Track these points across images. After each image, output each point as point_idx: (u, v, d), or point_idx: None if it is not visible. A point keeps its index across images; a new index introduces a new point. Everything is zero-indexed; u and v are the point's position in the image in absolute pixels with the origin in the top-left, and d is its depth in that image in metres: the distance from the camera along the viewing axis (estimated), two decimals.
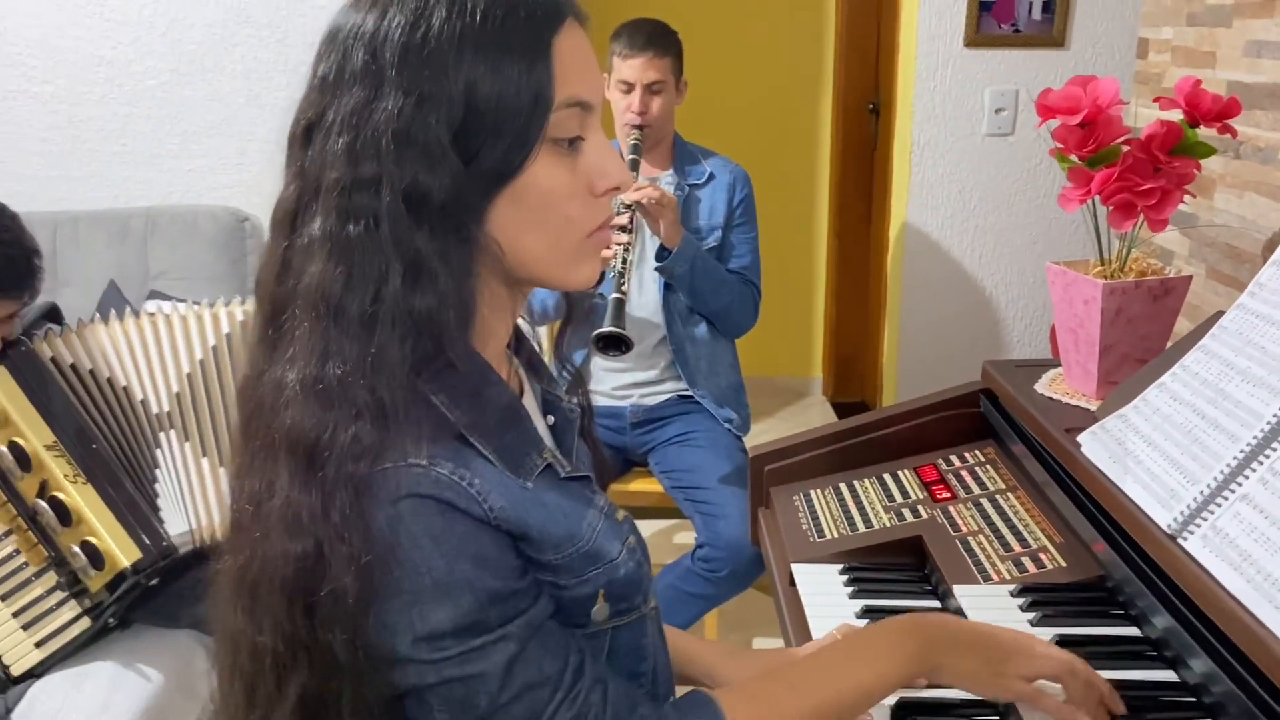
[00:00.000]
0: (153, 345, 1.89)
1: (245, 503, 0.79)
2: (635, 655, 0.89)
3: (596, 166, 0.83)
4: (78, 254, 2.70)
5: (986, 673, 0.93)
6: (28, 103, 2.84)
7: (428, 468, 0.75)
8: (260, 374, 0.80)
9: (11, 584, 1.77)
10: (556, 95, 0.79)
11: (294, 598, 0.75)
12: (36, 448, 1.77)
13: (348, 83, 0.77)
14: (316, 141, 0.78)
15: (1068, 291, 1.42)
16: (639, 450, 2.49)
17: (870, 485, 1.51)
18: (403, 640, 0.75)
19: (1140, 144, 1.31)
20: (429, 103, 0.76)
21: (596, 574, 0.83)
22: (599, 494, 0.89)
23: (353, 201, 0.76)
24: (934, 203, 2.89)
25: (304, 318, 0.77)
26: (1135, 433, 1.20)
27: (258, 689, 0.79)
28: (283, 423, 0.76)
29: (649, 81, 2.35)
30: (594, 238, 0.85)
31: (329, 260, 0.76)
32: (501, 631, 0.76)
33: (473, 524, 0.76)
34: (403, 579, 0.74)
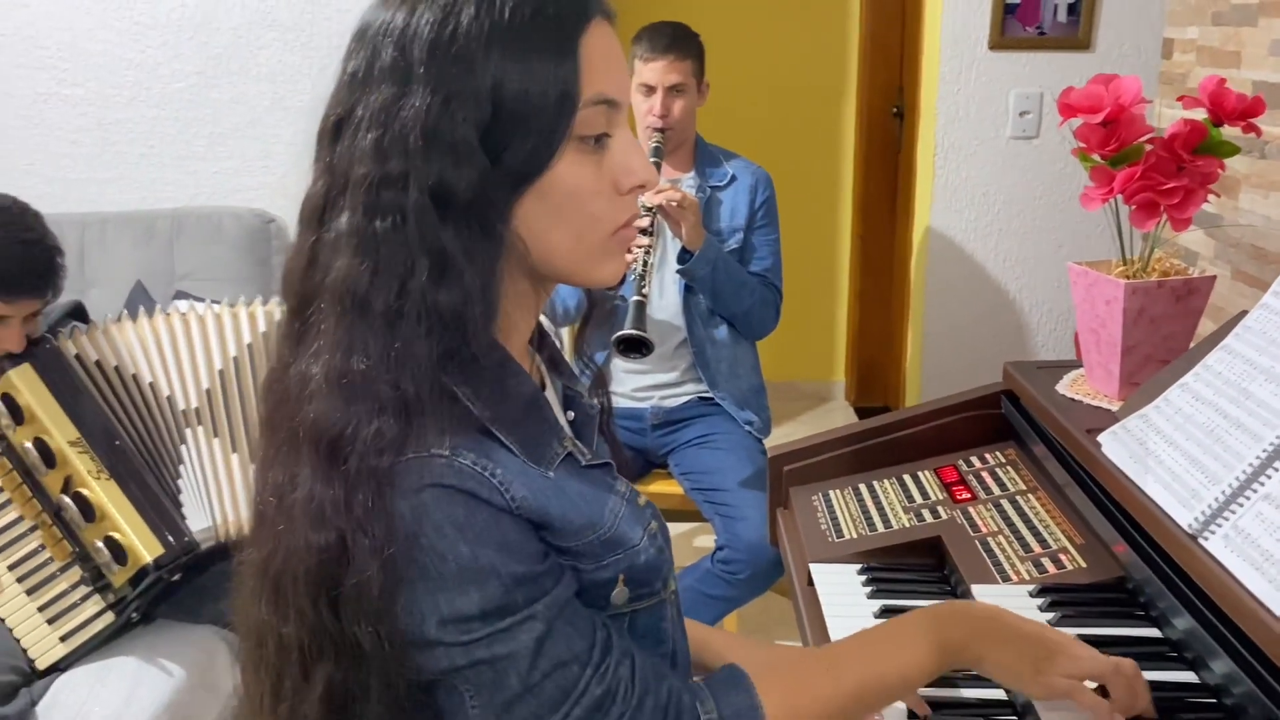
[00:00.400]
0: (183, 343, 1.91)
1: (269, 495, 0.80)
2: (654, 638, 0.89)
3: (622, 164, 0.83)
4: (105, 255, 2.73)
5: (1029, 670, 0.91)
6: (58, 105, 2.88)
7: (450, 458, 0.75)
8: (285, 367, 0.81)
9: (37, 579, 1.79)
10: (583, 93, 0.79)
11: (318, 590, 0.76)
12: (61, 444, 1.79)
13: (376, 79, 0.78)
14: (345, 137, 0.78)
15: (1090, 292, 1.41)
16: (659, 452, 2.49)
17: (890, 486, 1.51)
18: (430, 624, 0.76)
19: (1163, 143, 1.30)
20: (457, 100, 0.76)
21: (617, 559, 0.83)
22: (620, 480, 0.89)
23: (380, 197, 0.76)
24: (958, 206, 2.88)
25: (329, 312, 0.78)
26: (1156, 432, 1.19)
27: (284, 680, 0.80)
28: (306, 416, 0.76)
29: (671, 84, 2.35)
30: (619, 235, 0.85)
31: (355, 255, 0.76)
32: (528, 612, 0.77)
33: (495, 512, 0.76)
34: (428, 566, 0.75)
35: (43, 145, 2.90)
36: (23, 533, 1.80)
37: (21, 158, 2.90)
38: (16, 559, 1.79)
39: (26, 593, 1.78)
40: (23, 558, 1.79)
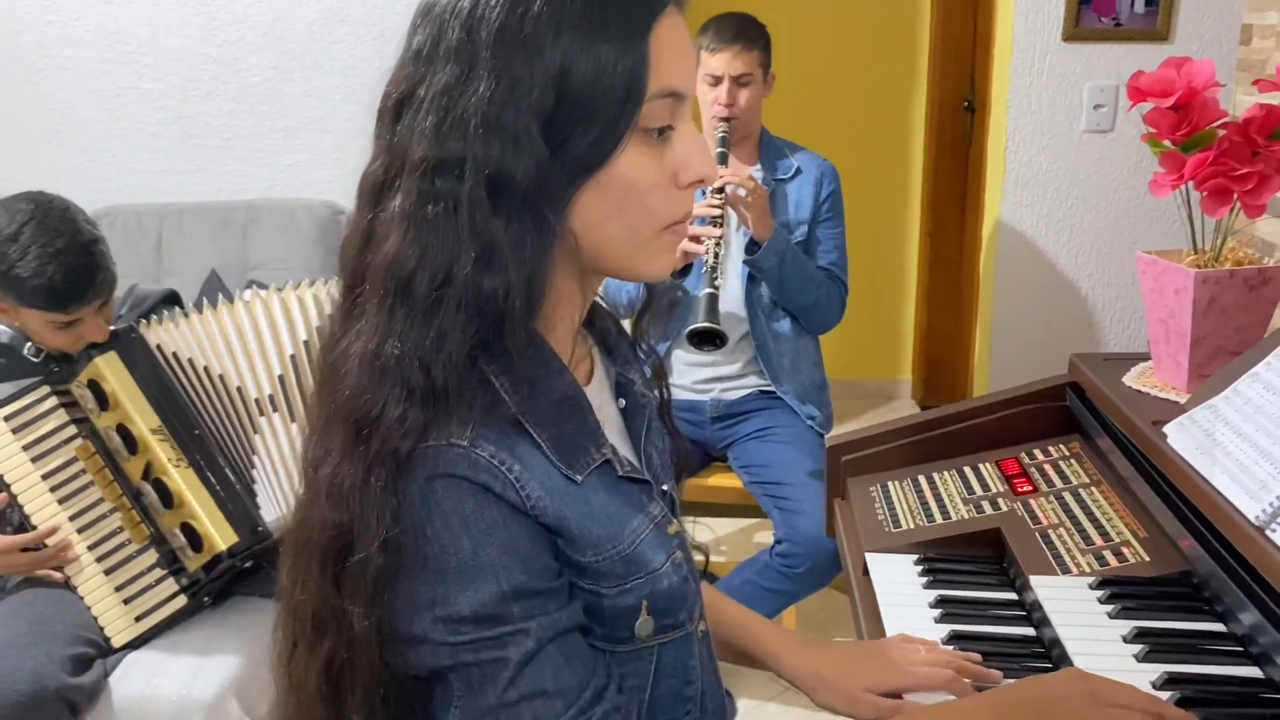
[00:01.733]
0: (250, 332, 1.93)
1: (309, 466, 0.81)
2: (682, 676, 0.87)
3: (683, 158, 0.81)
4: (182, 244, 2.81)
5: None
6: (138, 99, 2.96)
7: (468, 449, 0.75)
8: (335, 343, 0.81)
9: (115, 559, 1.85)
10: (651, 85, 0.77)
11: (325, 565, 0.76)
12: (143, 431, 1.84)
13: (441, 59, 0.76)
14: (406, 117, 0.77)
15: (1159, 281, 1.37)
16: (718, 445, 2.48)
17: (949, 477, 1.49)
18: (422, 619, 0.75)
19: (1237, 127, 1.26)
20: (521, 87, 0.75)
21: (638, 583, 0.82)
22: (656, 502, 0.87)
23: (434, 182, 0.75)
24: (1029, 201, 2.83)
25: (374, 292, 0.77)
26: (1224, 423, 1.15)
27: (296, 645, 0.81)
28: (341, 393, 0.77)
29: (736, 74, 2.34)
30: (672, 230, 0.83)
31: (404, 238, 0.76)
32: (521, 626, 0.75)
33: (506, 510, 0.76)
34: (429, 557, 0.74)
35: (124, 138, 2.99)
36: (103, 514, 1.86)
37: (105, 150, 2.99)
38: (96, 539, 1.84)
39: (105, 572, 1.84)
40: (102, 538, 1.85)
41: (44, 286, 1.75)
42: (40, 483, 1.85)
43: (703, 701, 0.90)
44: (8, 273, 1.74)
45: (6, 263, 1.74)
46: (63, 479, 1.86)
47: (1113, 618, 1.12)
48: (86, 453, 1.86)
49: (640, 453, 0.93)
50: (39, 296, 1.76)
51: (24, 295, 1.76)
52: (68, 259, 1.76)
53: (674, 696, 0.87)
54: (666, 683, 0.86)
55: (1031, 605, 1.20)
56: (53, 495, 1.85)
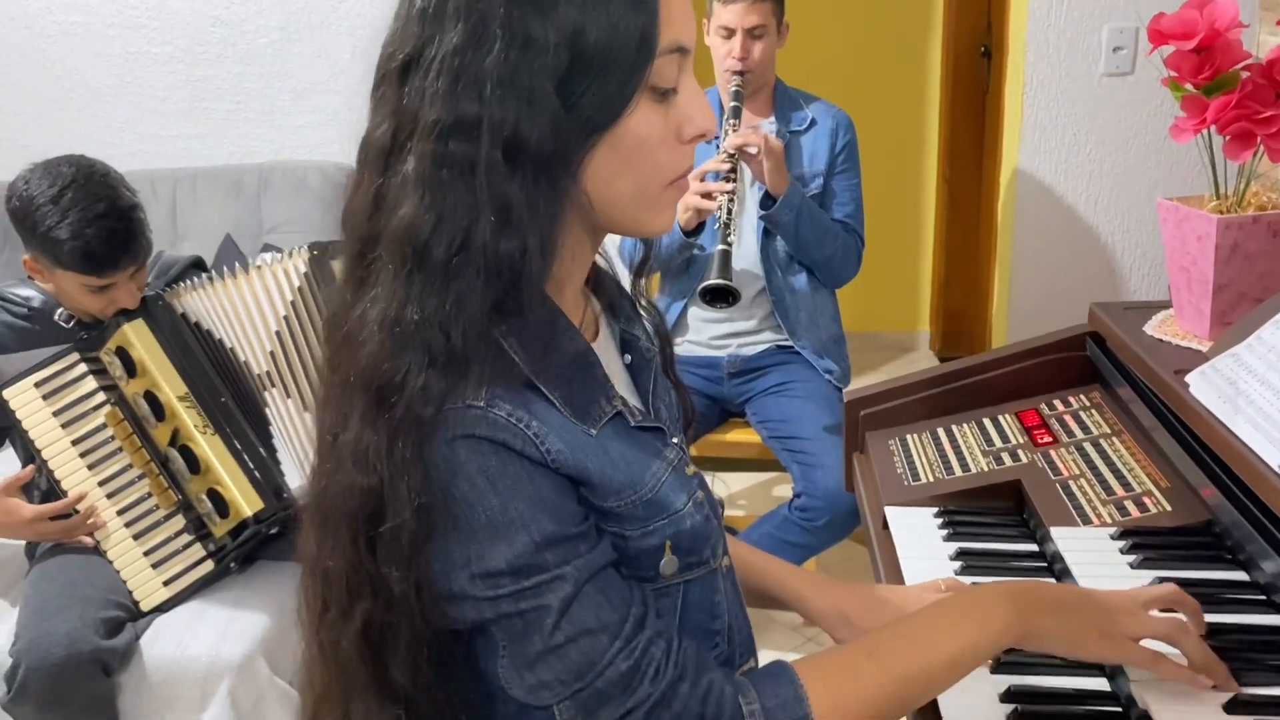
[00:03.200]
0: (240, 307, 1.92)
1: (326, 433, 0.81)
2: (708, 612, 0.88)
3: (686, 112, 0.81)
4: (196, 209, 2.81)
5: (1093, 635, 0.87)
6: (148, 64, 2.96)
7: (485, 409, 0.75)
8: (347, 309, 0.81)
9: (143, 525, 1.87)
10: (661, 40, 0.77)
11: (357, 530, 0.77)
12: (170, 398, 1.86)
13: (450, 18, 0.75)
14: (414, 79, 0.76)
15: (1180, 228, 1.36)
16: (736, 400, 2.49)
17: (969, 430, 1.48)
18: (460, 576, 0.76)
19: (1261, 69, 1.24)
20: (535, 47, 0.74)
21: (661, 524, 0.82)
22: (671, 446, 0.87)
23: (449, 146, 0.75)
24: (1048, 147, 2.79)
25: (390, 259, 0.77)
26: (1248, 371, 1.14)
27: (329, 610, 0.81)
28: (359, 361, 0.77)
29: (750, 26, 2.31)
30: (675, 185, 0.84)
31: (420, 203, 0.75)
32: (557, 572, 0.76)
33: (529, 465, 0.76)
34: (459, 516, 0.75)
35: (136, 103, 2.98)
36: (132, 480, 1.88)
37: (117, 115, 2.99)
38: (125, 505, 1.87)
39: (133, 537, 1.87)
40: (131, 504, 1.87)
41: (81, 249, 1.76)
42: (70, 449, 1.87)
43: (730, 634, 0.91)
44: (47, 234, 1.76)
45: (46, 224, 1.75)
46: (92, 445, 1.88)
47: (1134, 568, 1.12)
48: (115, 419, 1.88)
49: (649, 407, 0.94)
50: (75, 259, 1.77)
51: (61, 257, 1.77)
52: (106, 224, 1.78)
53: (701, 631, 0.88)
54: (693, 618, 0.87)
55: (1052, 556, 1.20)
56: (82, 461, 1.87)
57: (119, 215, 1.80)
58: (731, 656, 0.91)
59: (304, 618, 0.86)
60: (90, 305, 1.86)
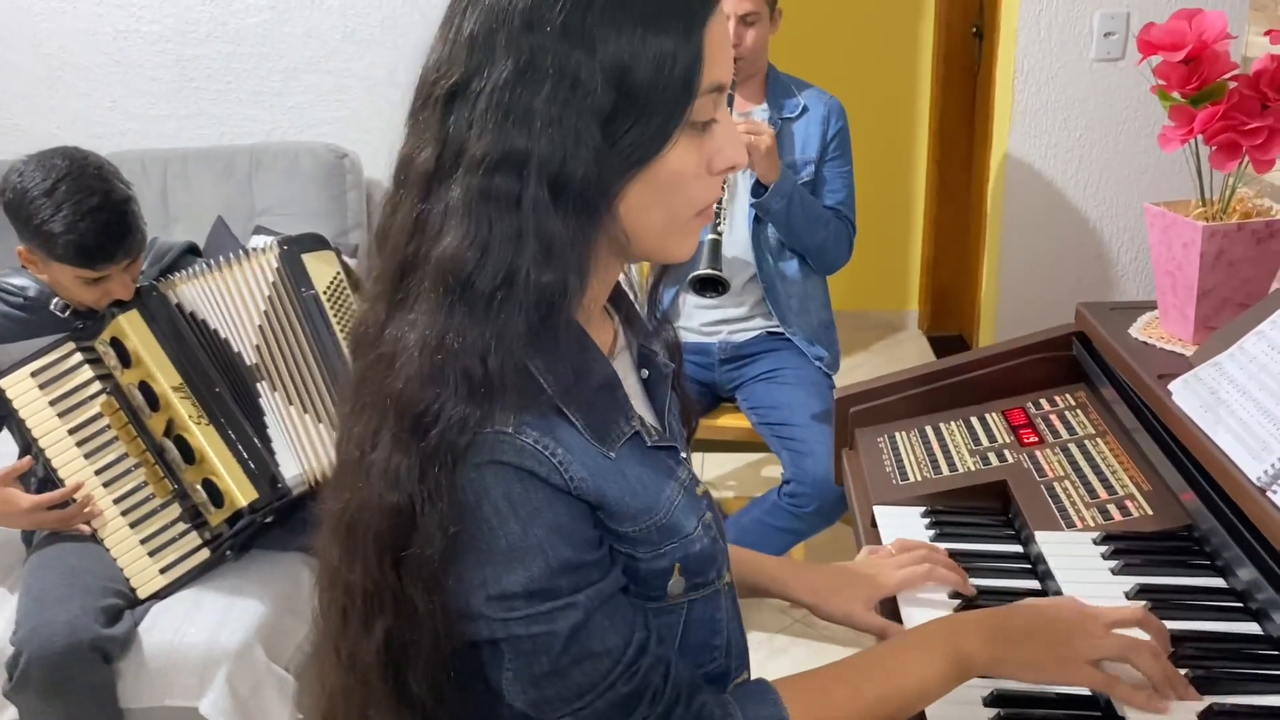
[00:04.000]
0: (228, 298, 1.96)
1: (353, 446, 0.82)
2: (709, 629, 0.91)
3: (719, 144, 0.83)
4: (187, 190, 2.81)
5: (1050, 660, 0.90)
6: (137, 42, 2.94)
7: (513, 435, 0.77)
8: (382, 327, 0.82)
9: (140, 513, 1.89)
10: (704, 79, 0.78)
11: (384, 548, 0.79)
12: (165, 388, 1.88)
13: (501, 51, 0.76)
14: (461, 108, 0.77)
15: (1166, 234, 1.38)
16: (727, 386, 2.51)
17: (956, 428, 1.51)
18: (476, 596, 0.79)
19: (1248, 80, 1.25)
20: (583, 86, 0.75)
21: (672, 548, 0.85)
22: (683, 465, 0.90)
23: (495, 180, 0.76)
24: (1038, 131, 2.80)
25: (433, 286, 0.78)
26: (1229, 381, 1.17)
27: (349, 623, 0.83)
28: (395, 384, 0.78)
29: (743, 13, 2.31)
30: (702, 214, 0.86)
31: (465, 234, 0.76)
32: (569, 600, 0.79)
33: (551, 492, 0.78)
34: (480, 540, 0.77)
35: (125, 82, 2.97)
36: (128, 469, 1.90)
37: (106, 95, 2.98)
38: (121, 493, 1.89)
39: (130, 525, 1.88)
40: (127, 492, 1.89)
41: (75, 243, 1.76)
42: (67, 438, 1.89)
43: (728, 648, 0.94)
44: (40, 227, 1.76)
45: (40, 217, 1.76)
46: (88, 434, 1.89)
47: (1115, 573, 1.14)
48: (111, 409, 1.90)
49: (664, 422, 0.96)
50: (69, 252, 1.78)
51: (55, 250, 1.78)
52: (100, 217, 1.78)
53: (703, 646, 0.92)
54: (696, 634, 0.91)
55: (1036, 558, 1.23)
56: (79, 450, 1.89)
57: (113, 208, 1.81)
58: (728, 669, 0.95)
59: (321, 624, 0.89)
60: (84, 296, 1.87)
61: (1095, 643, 0.91)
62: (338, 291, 2.00)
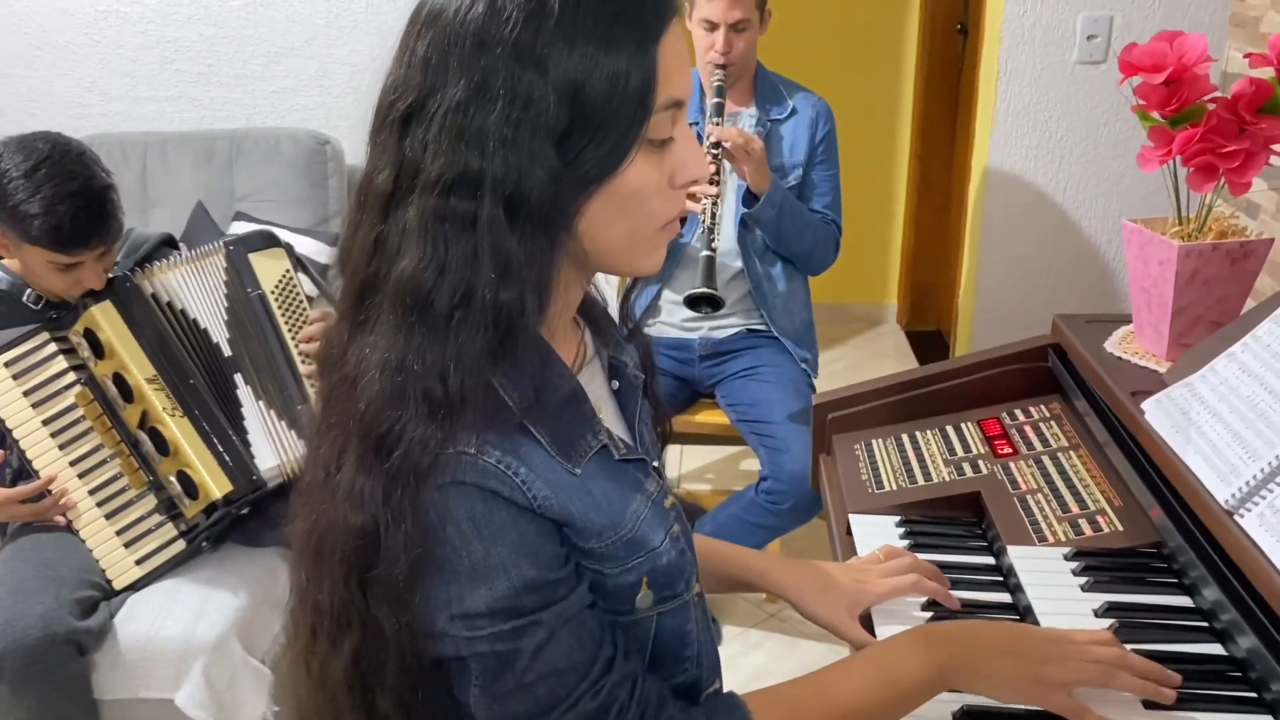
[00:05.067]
0: (202, 290, 1.97)
1: (319, 467, 0.83)
2: (679, 640, 0.92)
3: (680, 160, 0.83)
4: (167, 175, 2.79)
5: (1026, 680, 0.91)
6: (117, 23, 2.90)
7: (475, 456, 0.77)
8: (345, 348, 0.83)
9: (115, 504, 1.89)
10: (659, 96, 0.79)
11: (351, 569, 0.79)
12: (139, 380, 1.87)
13: (454, 72, 0.76)
14: (416, 130, 0.77)
15: (1143, 251, 1.39)
16: (706, 383, 2.52)
17: (932, 437, 1.52)
18: (441, 615, 0.79)
19: (1226, 103, 1.27)
20: (537, 105, 0.75)
21: (639, 562, 0.86)
22: (651, 477, 0.91)
23: (451, 201, 0.76)
24: (1019, 131, 2.82)
25: (392, 307, 0.79)
26: (1200, 402, 1.19)
27: (317, 640, 0.84)
28: (358, 405, 0.79)
29: (734, 21, 2.30)
30: (667, 228, 0.86)
31: (421, 255, 0.77)
32: (534, 617, 0.79)
33: (515, 511, 0.79)
34: (445, 560, 0.78)
35: (104, 63, 2.94)
36: (103, 460, 1.89)
37: (85, 75, 2.95)
38: (96, 484, 1.88)
39: (105, 516, 1.88)
40: (102, 483, 1.88)
41: (52, 225, 1.76)
42: (41, 428, 1.88)
43: (699, 659, 0.95)
44: (17, 208, 1.75)
45: (17, 198, 1.75)
46: (62, 425, 1.88)
47: (1085, 590, 1.16)
48: (85, 399, 1.89)
49: (634, 432, 0.97)
50: (44, 235, 1.77)
51: (30, 232, 1.77)
52: (79, 202, 1.78)
53: (672, 658, 0.92)
54: (666, 646, 0.91)
55: (1008, 571, 1.25)
56: (53, 441, 1.88)
57: (93, 194, 1.80)
58: (699, 679, 0.96)
59: (292, 640, 0.90)
60: (55, 284, 1.86)
61: (1073, 667, 0.92)
62: (286, 289, 1.99)
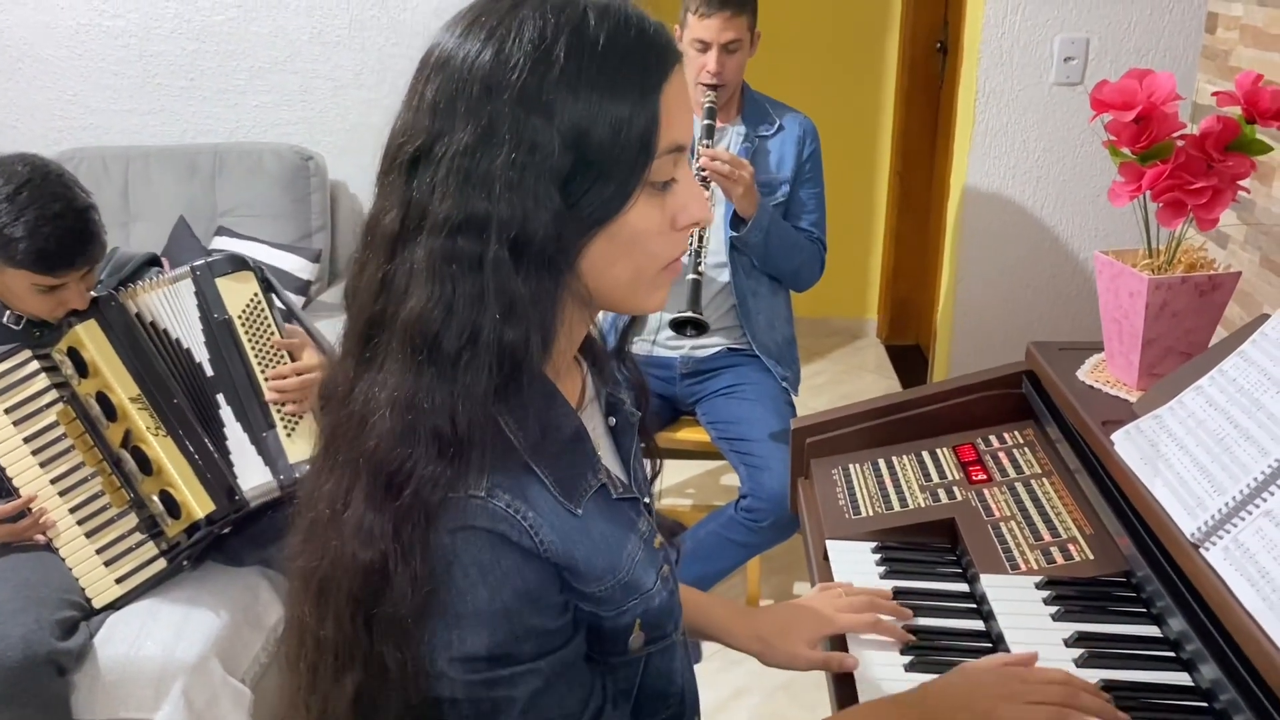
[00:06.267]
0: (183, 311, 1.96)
1: (324, 505, 0.84)
2: (665, 679, 0.94)
3: (682, 203, 0.85)
4: (149, 189, 2.79)
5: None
6: (99, 36, 2.91)
7: (485, 500, 0.79)
8: (351, 386, 0.83)
9: (96, 522, 1.88)
10: (661, 141, 0.81)
11: (357, 606, 0.80)
12: (122, 399, 1.87)
13: (461, 118, 0.78)
14: (424, 173, 0.79)
15: (1114, 283, 1.42)
16: (687, 400, 2.54)
17: (909, 462, 1.55)
18: (441, 656, 0.81)
19: (1195, 140, 1.30)
20: (542, 150, 0.77)
21: (634, 604, 0.88)
22: (643, 516, 0.93)
23: (458, 242, 0.78)
24: (997, 151, 2.85)
25: (400, 346, 0.80)
26: (1169, 435, 1.21)
27: (319, 677, 0.85)
28: (367, 443, 0.80)
29: (726, 41, 2.32)
30: (670, 268, 0.88)
31: (429, 296, 0.78)
32: (531, 665, 0.81)
33: (521, 556, 0.80)
34: (449, 603, 0.79)
35: (86, 76, 2.94)
36: (84, 478, 1.88)
37: (66, 88, 2.95)
38: (77, 502, 1.88)
39: (86, 535, 1.88)
40: (83, 501, 1.88)
41: (36, 249, 1.76)
42: (22, 446, 1.87)
43: (683, 697, 0.98)
44: (1, 231, 1.75)
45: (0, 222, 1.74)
46: (44, 442, 1.88)
47: (1056, 619, 1.19)
48: (68, 417, 1.89)
49: (629, 469, 0.99)
50: (29, 257, 1.77)
51: (14, 255, 1.77)
52: (63, 224, 1.78)
53: (658, 696, 0.95)
54: (652, 685, 0.94)
55: (981, 598, 1.27)
56: (34, 459, 1.87)
57: (75, 215, 1.80)
58: (681, 715, 0.98)
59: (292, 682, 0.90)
60: (38, 307, 1.86)
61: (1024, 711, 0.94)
62: (254, 313, 1.99)
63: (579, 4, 0.80)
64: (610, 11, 0.81)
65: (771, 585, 2.71)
